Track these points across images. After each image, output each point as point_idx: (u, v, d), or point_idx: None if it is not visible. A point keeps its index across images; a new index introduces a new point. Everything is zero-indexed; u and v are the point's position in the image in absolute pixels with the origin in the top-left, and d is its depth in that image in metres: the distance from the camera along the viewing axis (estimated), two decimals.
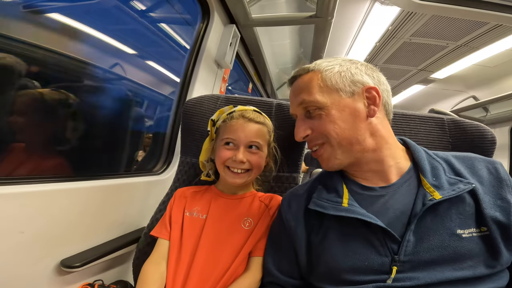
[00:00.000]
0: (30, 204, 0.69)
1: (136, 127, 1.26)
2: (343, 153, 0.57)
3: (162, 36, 1.41)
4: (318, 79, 0.58)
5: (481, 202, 0.50)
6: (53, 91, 0.86)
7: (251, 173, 0.74)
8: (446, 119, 0.80)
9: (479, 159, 0.57)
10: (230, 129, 0.74)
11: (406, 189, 0.55)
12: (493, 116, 3.10)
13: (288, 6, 1.76)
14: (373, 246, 0.51)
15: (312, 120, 0.59)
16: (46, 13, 0.85)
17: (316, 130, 0.58)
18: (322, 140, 0.58)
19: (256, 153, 0.74)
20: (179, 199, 0.79)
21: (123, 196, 1.00)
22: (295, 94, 0.62)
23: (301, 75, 0.62)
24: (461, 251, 0.47)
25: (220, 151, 0.74)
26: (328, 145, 0.57)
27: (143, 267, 0.70)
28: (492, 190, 0.52)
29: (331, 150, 0.57)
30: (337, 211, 0.54)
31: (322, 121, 0.57)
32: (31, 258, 0.71)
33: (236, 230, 0.72)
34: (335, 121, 0.56)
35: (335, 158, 0.57)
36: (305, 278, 0.61)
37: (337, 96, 0.57)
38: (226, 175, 0.74)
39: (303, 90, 0.60)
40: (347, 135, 0.55)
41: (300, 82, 0.62)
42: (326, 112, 0.56)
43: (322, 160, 0.61)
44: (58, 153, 0.90)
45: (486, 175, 0.54)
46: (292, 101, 0.64)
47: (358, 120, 0.56)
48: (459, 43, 2.17)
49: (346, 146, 0.56)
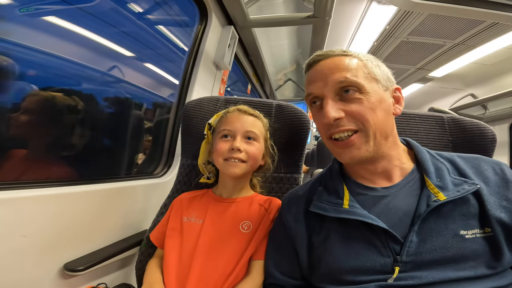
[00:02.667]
0: (33, 208, 0.69)
1: (136, 130, 1.26)
2: (374, 145, 0.54)
3: (160, 39, 1.41)
4: (360, 64, 0.56)
5: (486, 203, 0.49)
6: (56, 94, 0.86)
7: (247, 165, 0.74)
8: (446, 117, 0.80)
9: (485, 159, 0.57)
10: (226, 121, 0.77)
11: (409, 189, 0.55)
12: (492, 113, 3.12)
13: (285, 6, 1.76)
14: (375, 247, 0.50)
15: (347, 103, 0.54)
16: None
17: (351, 114, 0.53)
18: (355, 126, 0.53)
19: (252, 143, 0.75)
20: (176, 207, 0.80)
21: (125, 199, 1.00)
22: (330, 71, 0.55)
23: (336, 55, 0.57)
24: (464, 252, 0.47)
25: (217, 145, 0.75)
26: (362, 134, 0.53)
27: (148, 265, 0.74)
28: (498, 191, 0.51)
29: (365, 140, 0.53)
30: (337, 213, 0.54)
31: (362, 106, 0.53)
32: (34, 262, 0.71)
33: (234, 234, 0.71)
34: (374, 109, 0.53)
35: (366, 150, 0.54)
36: (306, 279, 0.60)
37: (377, 86, 0.55)
38: (224, 168, 0.74)
39: (343, 69, 0.54)
40: (382, 127, 0.54)
41: (336, 60, 0.56)
42: (368, 98, 0.53)
43: (350, 150, 0.54)
44: (61, 157, 0.90)
45: (491, 176, 0.53)
46: (321, 80, 0.56)
47: (389, 115, 0.56)
48: (456, 41, 2.18)
49: (378, 139, 0.54)
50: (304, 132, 0.89)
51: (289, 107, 0.91)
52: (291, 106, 0.91)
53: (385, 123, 0.54)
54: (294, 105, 0.92)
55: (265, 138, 0.80)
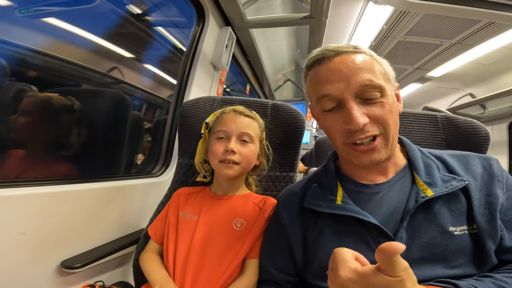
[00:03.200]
0: (31, 206, 0.70)
1: (135, 130, 1.27)
2: (392, 147, 0.54)
3: (159, 40, 1.42)
4: (377, 64, 0.54)
5: (473, 199, 0.49)
6: (55, 94, 0.87)
7: (241, 166, 0.74)
8: (439, 116, 0.80)
9: (474, 156, 0.57)
10: (222, 122, 0.77)
11: (401, 186, 0.55)
12: (491, 113, 3.12)
13: (283, 7, 1.77)
14: (367, 243, 0.51)
15: (369, 106, 0.51)
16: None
17: (375, 119, 0.51)
18: (378, 131, 0.52)
19: (246, 145, 0.75)
20: (175, 200, 0.81)
21: (123, 198, 1.01)
22: (351, 71, 0.51)
23: (349, 52, 0.53)
24: (452, 248, 0.47)
25: (212, 146, 0.75)
26: (383, 137, 0.52)
27: (147, 260, 0.74)
28: (484, 186, 0.51)
29: (386, 143, 0.53)
30: (331, 209, 0.55)
31: (384, 109, 0.51)
32: (32, 259, 0.72)
33: (226, 231, 0.72)
34: (392, 111, 0.52)
35: (385, 153, 0.53)
36: (301, 275, 0.61)
37: (390, 86, 0.55)
38: (219, 169, 0.75)
39: (365, 69, 0.51)
40: (396, 128, 0.54)
41: (357, 60, 0.52)
42: (387, 101, 0.52)
43: (371, 154, 0.53)
44: (61, 157, 0.91)
45: (480, 171, 0.54)
46: (341, 80, 0.52)
47: (398, 114, 0.56)
48: (453, 41, 2.19)
49: (394, 140, 0.54)
50: (299, 131, 0.89)
51: (284, 107, 0.92)
52: (286, 106, 0.92)
53: (397, 124, 0.55)
54: (290, 105, 0.93)
55: (260, 139, 0.81)
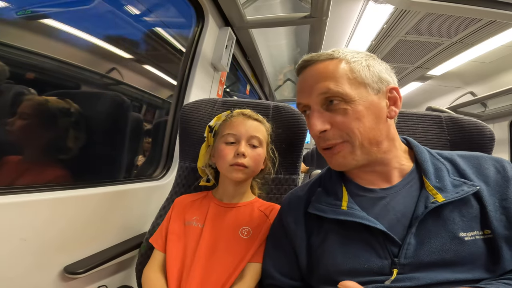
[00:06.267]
0: (33, 212, 0.69)
1: (135, 133, 1.26)
2: (362, 154, 0.53)
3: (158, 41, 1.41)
4: (346, 69, 0.53)
5: (486, 204, 0.48)
6: (53, 98, 0.86)
7: (250, 170, 0.74)
8: (444, 116, 0.80)
9: (486, 158, 0.55)
10: (231, 125, 0.76)
11: (408, 191, 0.54)
12: (492, 111, 3.11)
13: (282, 7, 1.76)
14: (374, 249, 0.50)
15: (332, 114, 0.53)
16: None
17: (337, 126, 0.52)
18: (341, 139, 0.53)
19: (255, 149, 0.75)
20: (178, 209, 0.79)
21: (124, 202, 1.01)
22: (315, 80, 0.54)
23: (321, 60, 0.55)
24: (462, 254, 0.46)
25: (221, 151, 0.74)
26: (348, 144, 0.53)
27: (144, 273, 0.72)
28: (499, 190, 0.50)
29: (351, 150, 0.53)
30: (336, 214, 0.54)
31: (347, 117, 0.51)
32: (35, 265, 0.71)
33: (233, 239, 0.71)
34: (360, 118, 0.51)
35: (352, 159, 0.53)
36: (305, 279, 0.60)
37: (365, 91, 0.52)
38: (228, 172, 0.73)
39: (327, 77, 0.52)
40: (370, 136, 0.52)
41: (321, 68, 0.54)
42: (353, 108, 0.51)
43: (336, 159, 0.54)
44: (60, 161, 0.91)
45: (493, 174, 0.52)
46: (307, 90, 0.55)
47: (380, 120, 0.53)
48: (454, 39, 2.18)
49: (366, 147, 0.52)
50: (301, 133, 0.89)
51: (286, 108, 0.91)
52: (288, 107, 0.91)
53: (375, 131, 0.53)
54: (292, 106, 0.92)
55: (267, 143, 0.80)
